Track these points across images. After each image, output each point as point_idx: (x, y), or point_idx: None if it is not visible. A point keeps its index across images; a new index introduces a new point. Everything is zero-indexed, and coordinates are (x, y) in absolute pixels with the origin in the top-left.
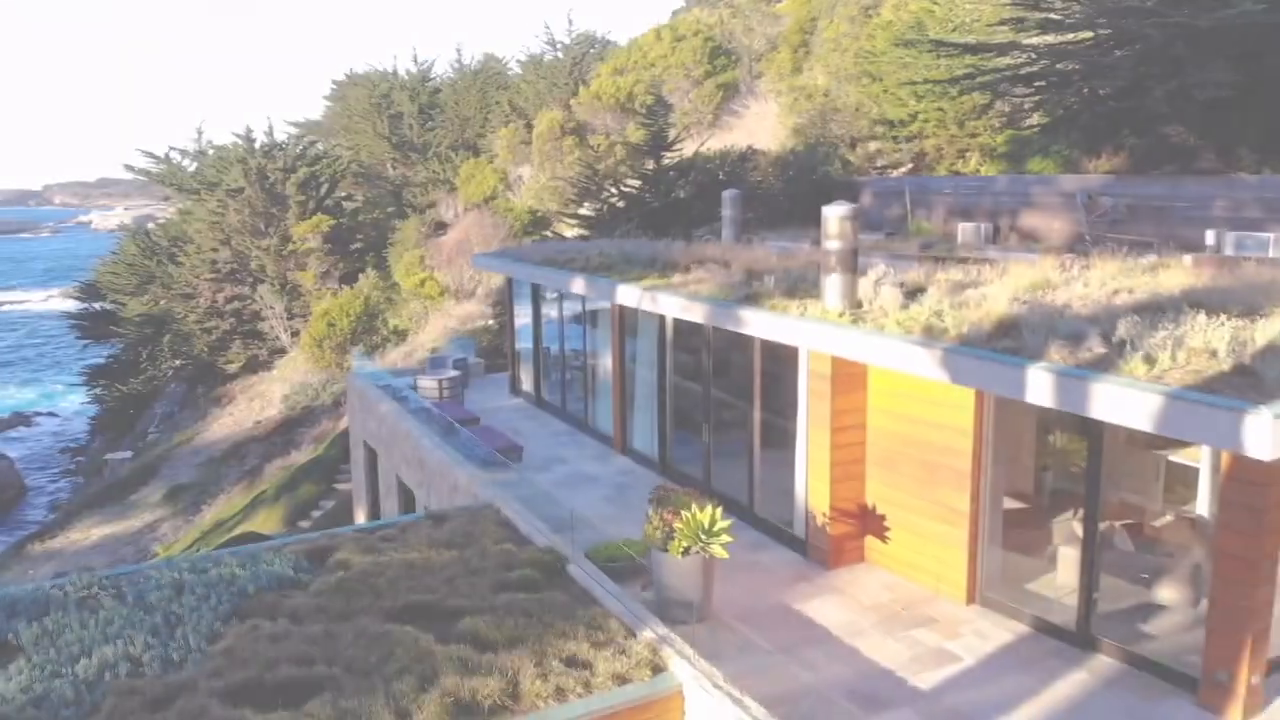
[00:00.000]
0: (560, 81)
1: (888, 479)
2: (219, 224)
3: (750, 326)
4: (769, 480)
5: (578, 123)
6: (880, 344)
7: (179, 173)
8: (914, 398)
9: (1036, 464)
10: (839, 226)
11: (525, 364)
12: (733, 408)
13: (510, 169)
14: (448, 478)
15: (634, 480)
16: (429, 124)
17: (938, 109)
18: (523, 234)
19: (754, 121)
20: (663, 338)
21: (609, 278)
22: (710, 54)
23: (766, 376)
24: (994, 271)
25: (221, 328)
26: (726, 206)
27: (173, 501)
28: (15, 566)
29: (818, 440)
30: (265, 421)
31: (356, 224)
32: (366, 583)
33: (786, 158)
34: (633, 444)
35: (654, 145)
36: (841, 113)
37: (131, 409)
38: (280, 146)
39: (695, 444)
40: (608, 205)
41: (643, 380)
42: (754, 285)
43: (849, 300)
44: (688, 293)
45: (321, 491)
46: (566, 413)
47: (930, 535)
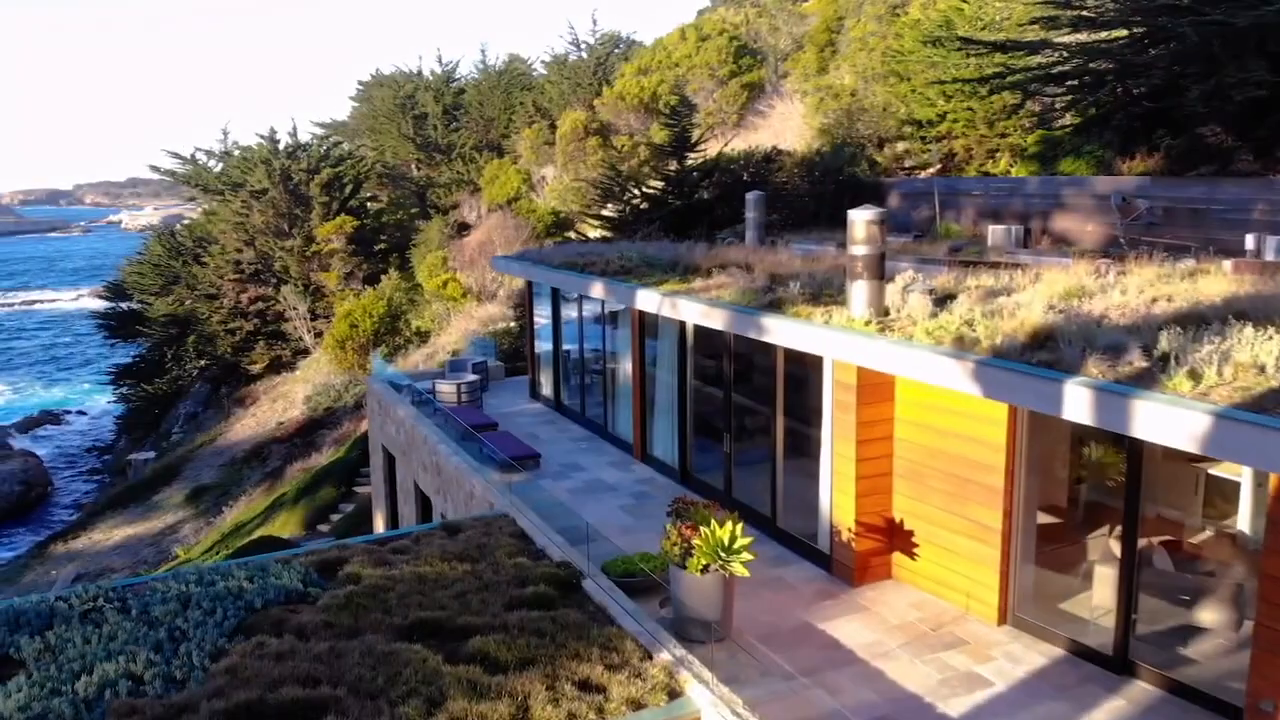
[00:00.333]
0: (584, 82)
1: (916, 493)
2: (243, 225)
3: (773, 335)
4: (792, 492)
5: (601, 123)
6: (908, 355)
7: (204, 174)
8: (943, 410)
9: (1070, 476)
10: (866, 231)
11: (545, 368)
12: (755, 416)
13: (534, 170)
14: (464, 485)
15: (653, 489)
16: (453, 125)
17: (967, 109)
18: (545, 235)
19: (779, 121)
20: (683, 344)
21: (629, 282)
22: (735, 53)
23: (790, 385)
24: (1026, 277)
25: (245, 328)
26: (750, 208)
27: (194, 503)
28: (37, 567)
29: (843, 452)
30: (288, 423)
31: (380, 225)
32: (376, 598)
33: (812, 158)
34: (652, 451)
35: (677, 146)
36: (868, 113)
37: (156, 409)
38: (304, 147)
39: (716, 452)
40: (630, 206)
41: (663, 387)
42: (777, 291)
43: (876, 308)
44: (709, 298)
45: (341, 495)
46: (586, 418)
47: (960, 552)
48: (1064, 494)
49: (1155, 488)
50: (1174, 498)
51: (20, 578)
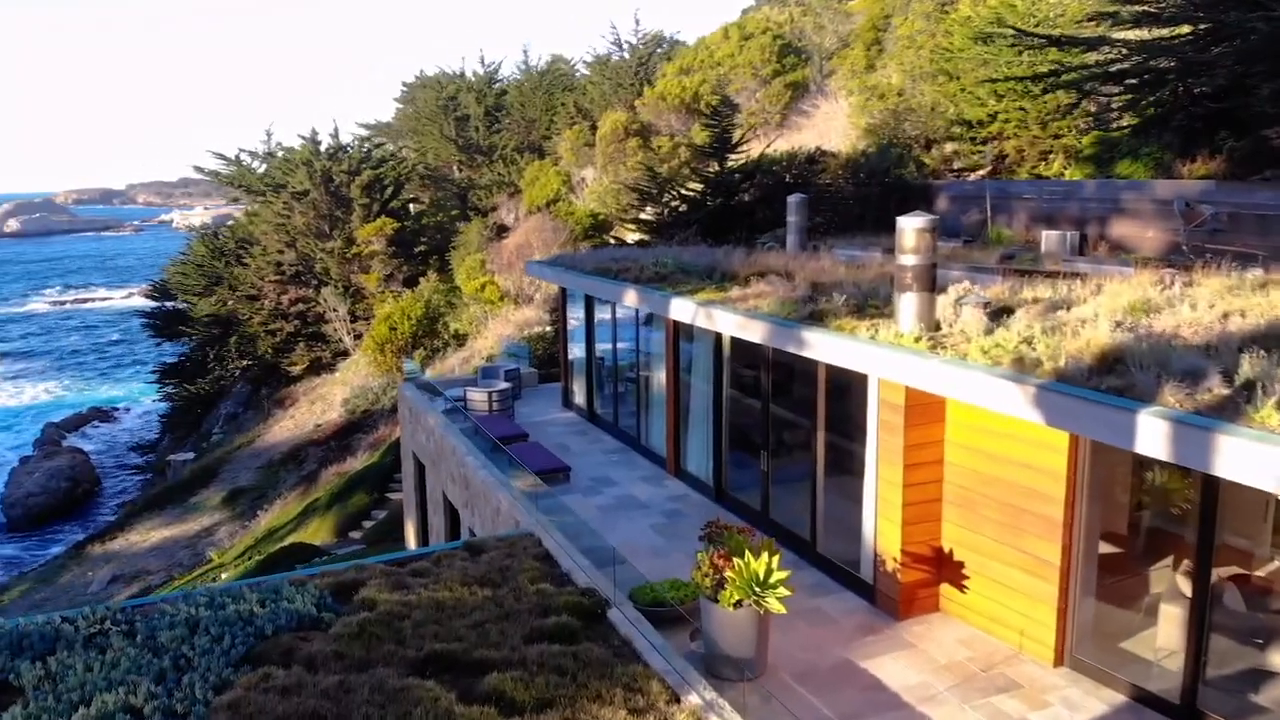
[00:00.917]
0: (626, 82)
1: (967, 522)
2: (285, 226)
3: (814, 349)
4: (833, 516)
5: (642, 124)
6: (962, 376)
7: (247, 175)
8: (998, 434)
9: (1131, 501)
10: (916, 239)
11: (578, 376)
12: (794, 433)
13: (574, 171)
14: (491, 500)
15: (686, 507)
16: (495, 126)
17: (1019, 108)
18: (583, 238)
19: (823, 122)
20: (719, 355)
21: (663, 290)
22: (779, 52)
23: (832, 402)
24: (1086, 288)
25: (285, 329)
26: (791, 212)
27: (231, 505)
28: (74, 568)
29: (888, 477)
30: (325, 425)
31: (420, 227)
32: (391, 626)
33: (857, 159)
34: (686, 466)
35: (718, 147)
36: (916, 112)
37: (198, 408)
38: (345, 149)
39: (753, 469)
40: (668, 209)
41: (697, 400)
42: (819, 301)
43: (926, 322)
44: (746, 309)
45: (373, 501)
46: (619, 429)
47: (1014, 586)
48: (1124, 521)
49: (1222, 514)
50: (1241, 525)
51: (57, 578)
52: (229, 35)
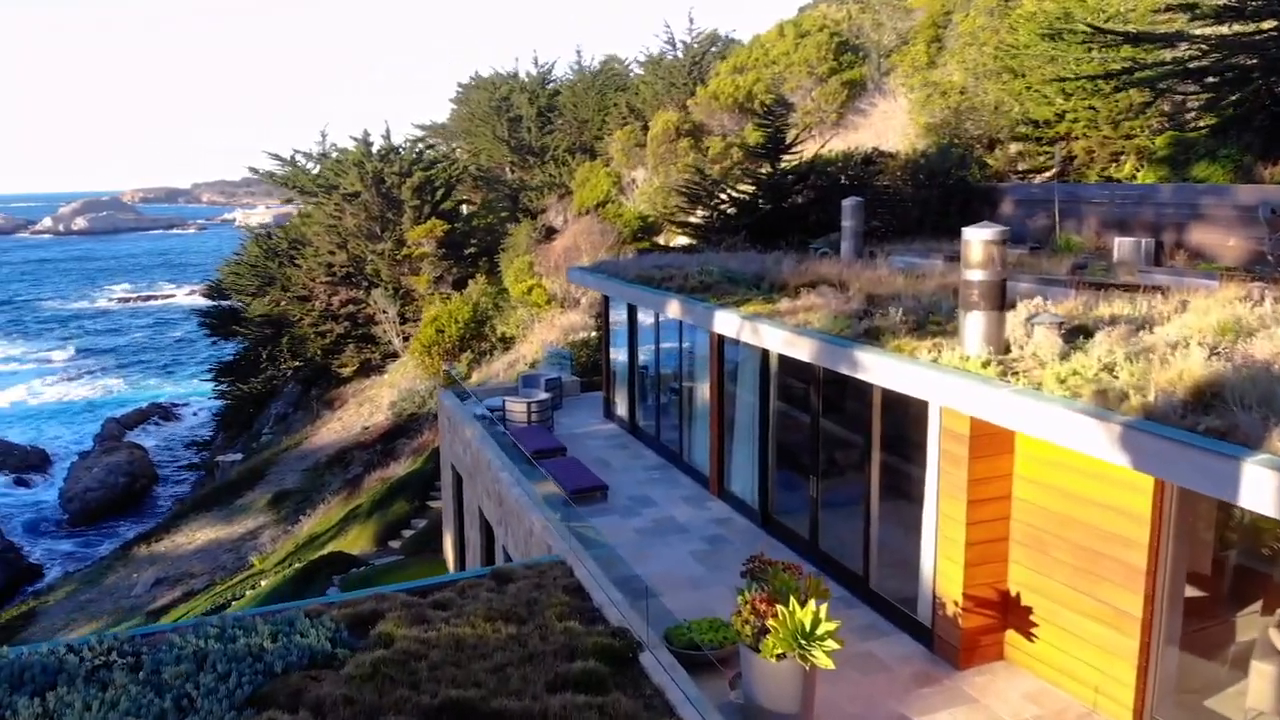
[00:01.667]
0: (679, 81)
1: (1037, 564)
2: (336, 227)
3: (869, 372)
4: (889, 549)
5: (694, 124)
6: (1036, 409)
7: (301, 176)
8: (1074, 469)
9: (1216, 538)
10: (984, 252)
11: (620, 387)
12: (846, 457)
13: (624, 172)
14: (524, 521)
15: (729, 532)
16: (547, 127)
17: (1088, 107)
18: (631, 240)
19: (881, 121)
20: (765, 371)
21: (706, 301)
22: (836, 50)
23: (887, 426)
24: (1169, 304)
25: (336, 331)
26: (846, 216)
27: (276, 508)
28: (120, 569)
29: (950, 512)
30: (373, 427)
31: (471, 229)
32: (406, 667)
33: (916, 160)
34: (730, 487)
35: (771, 147)
36: (979, 111)
37: (251, 407)
38: (397, 150)
39: (801, 492)
40: (718, 212)
41: (742, 417)
42: (875, 317)
43: (995, 344)
44: (794, 324)
45: (414, 510)
46: (660, 444)
47: (1089, 638)
48: (1208, 560)
49: None
50: None
51: (103, 579)
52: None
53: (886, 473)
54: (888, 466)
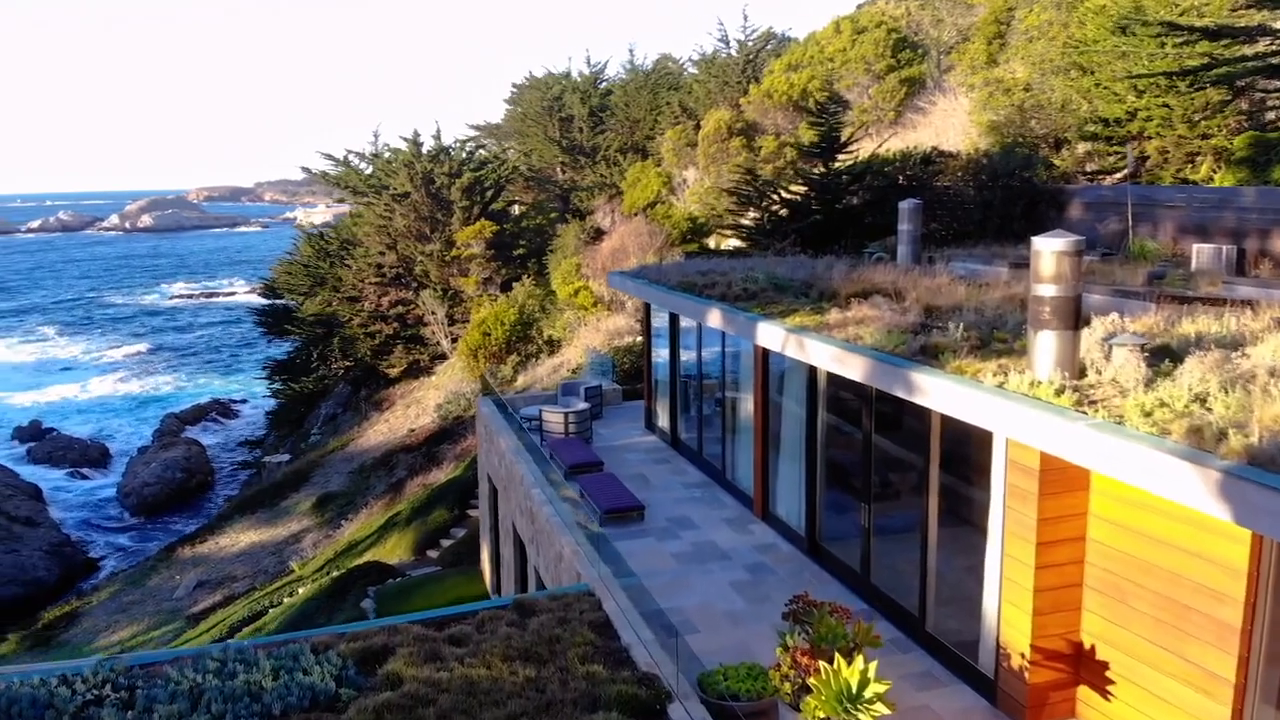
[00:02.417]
0: (732, 80)
1: (1114, 615)
2: (386, 228)
3: (926, 396)
4: (948, 589)
5: (746, 123)
6: (1119, 448)
7: (354, 175)
8: (1158, 510)
9: None
10: (1057, 265)
11: (661, 398)
12: (901, 483)
13: (675, 172)
14: (554, 543)
15: (774, 560)
16: (599, 127)
17: (1162, 105)
18: (680, 242)
19: (940, 119)
20: (813, 387)
21: (750, 312)
22: (894, 46)
23: (948, 453)
24: (1260, 320)
25: (385, 332)
26: (904, 219)
27: (319, 511)
28: (164, 570)
29: (1017, 554)
30: (419, 430)
31: (520, 229)
32: (412, 714)
33: (978, 160)
34: (775, 509)
35: (825, 146)
36: (1045, 109)
37: (302, 407)
38: (447, 151)
39: (852, 516)
40: (769, 214)
41: (789, 434)
42: (933, 333)
43: (1068, 368)
44: (844, 339)
45: (453, 519)
46: (703, 459)
47: (1173, 700)
48: None
49: None
50: None
51: (147, 580)
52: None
53: (946, 502)
54: (948, 495)
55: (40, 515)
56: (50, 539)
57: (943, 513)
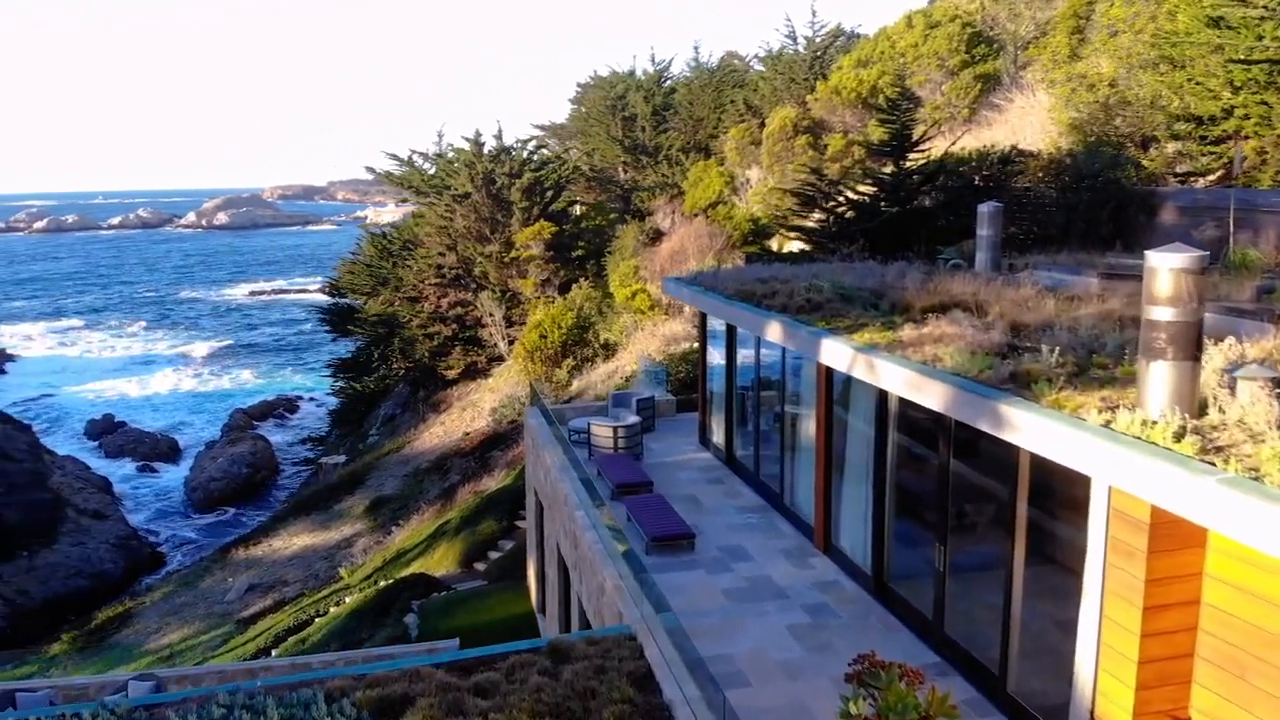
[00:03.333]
0: (799, 77)
1: (1232, 693)
2: (446, 228)
3: (1019, 433)
4: (1033, 641)
5: (813, 120)
6: (1259, 512)
7: (417, 176)
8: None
9: None
10: (1175, 285)
11: (716, 412)
12: (983, 521)
13: (738, 172)
14: (596, 573)
15: (836, 602)
16: (662, 126)
17: (1261, 102)
18: (741, 244)
19: (1017, 117)
20: (883, 412)
21: (814, 326)
22: (968, 41)
23: (1039, 487)
24: None
25: (443, 333)
26: (983, 224)
27: (372, 515)
28: (217, 572)
29: (1120, 618)
30: (474, 434)
31: (579, 230)
32: None
33: (1061, 160)
34: (838, 541)
35: (896, 144)
36: (1132, 106)
37: (363, 406)
38: (508, 150)
39: (924, 552)
40: (835, 216)
41: (854, 458)
42: (1022, 356)
43: (1186, 405)
44: (920, 362)
45: (501, 530)
46: (759, 481)
47: None
48: None
49: None
50: None
51: (200, 581)
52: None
53: (1035, 541)
54: (1037, 533)
55: (109, 508)
56: (117, 532)
57: (1030, 553)
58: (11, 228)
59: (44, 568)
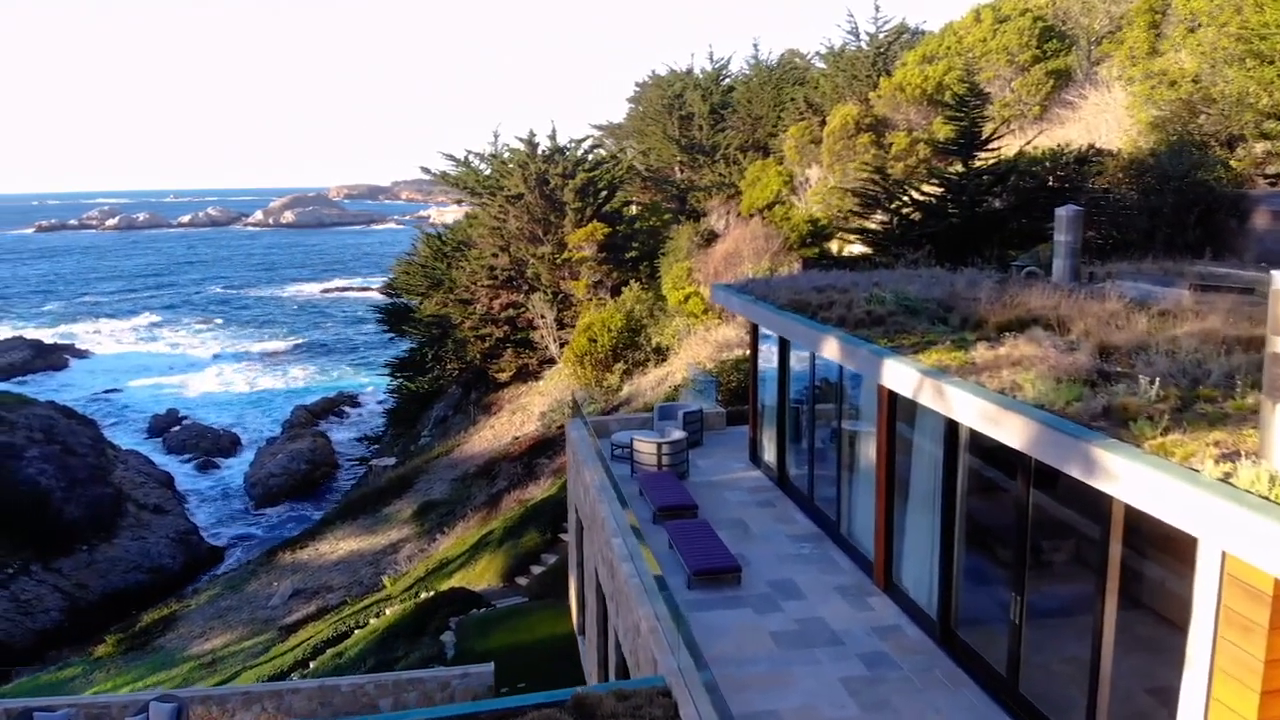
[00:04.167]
0: (861, 74)
1: None
2: (499, 229)
3: (1116, 483)
4: (1125, 711)
5: (875, 118)
6: None
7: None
8: None
9: None
10: None
11: (768, 427)
12: (1067, 560)
13: (797, 171)
14: (633, 610)
15: (896, 649)
16: (719, 125)
17: None
18: (798, 246)
19: (1092, 115)
20: (952, 443)
21: (875, 343)
22: (1039, 36)
23: (1135, 537)
24: None
25: (495, 335)
26: (1061, 229)
27: (419, 520)
28: (263, 575)
29: (1231, 700)
30: (522, 438)
31: (633, 231)
32: None
33: (1143, 160)
34: (900, 580)
35: (964, 143)
36: (1218, 103)
37: (417, 406)
38: (562, 150)
39: (997, 595)
40: (898, 218)
41: (919, 488)
42: (1115, 387)
43: None
44: (997, 392)
45: (544, 543)
46: (814, 506)
47: None
48: None
49: None
50: None
51: (246, 585)
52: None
53: (1129, 594)
54: (1132, 585)
55: (169, 503)
56: (177, 527)
57: (1124, 601)
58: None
59: (103, 562)
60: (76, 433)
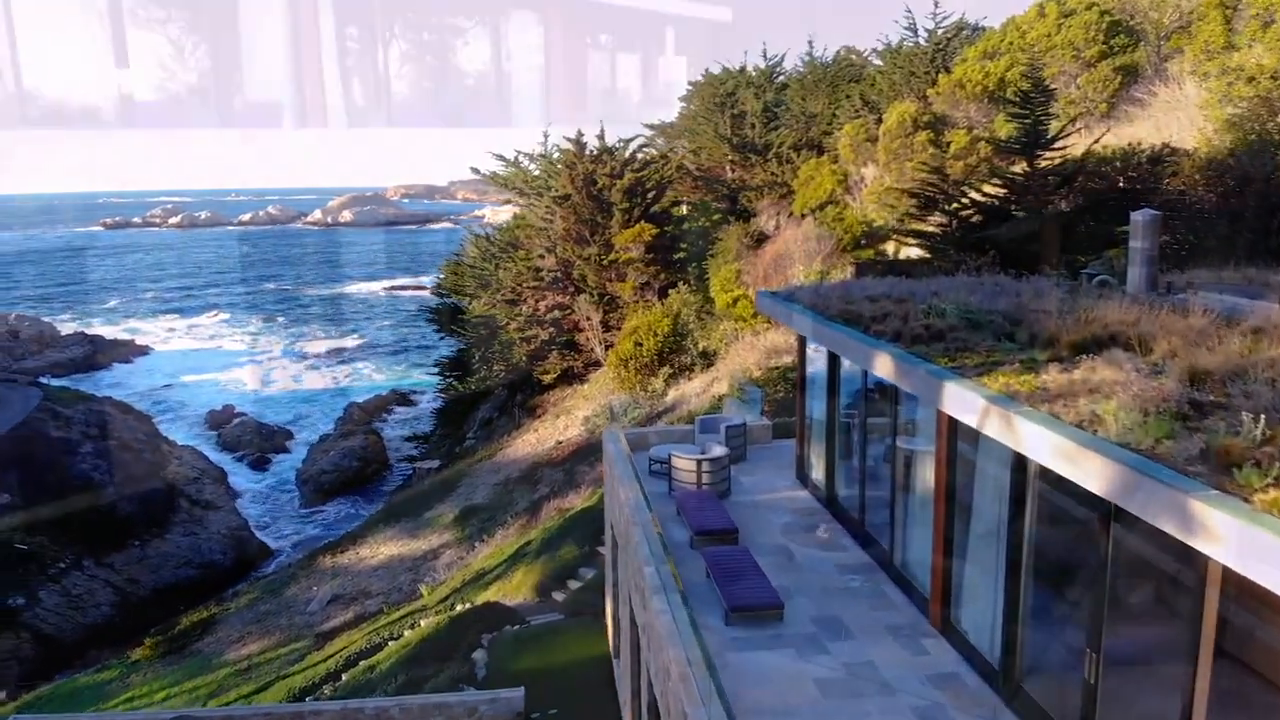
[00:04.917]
0: (919, 70)
1: None
2: (547, 230)
3: (1215, 544)
4: None
5: (934, 115)
6: None
7: (521, 176)
8: None
9: None
10: None
11: (815, 444)
12: (1149, 609)
13: (852, 170)
14: (663, 651)
15: (954, 700)
16: (772, 123)
17: None
18: (852, 248)
19: (1162, 112)
20: (1021, 469)
21: (934, 363)
22: (1106, 30)
23: (1234, 586)
24: None
25: (541, 336)
26: (1137, 235)
27: (460, 525)
28: (303, 579)
29: None
30: (566, 442)
31: (681, 232)
32: None
33: (1223, 161)
34: (958, 621)
35: (1027, 141)
36: None
37: (464, 407)
38: (610, 150)
39: (1068, 639)
40: (958, 219)
41: (982, 514)
42: (1207, 420)
43: None
44: (1073, 428)
45: (582, 556)
46: (864, 532)
47: None
48: None
49: None
50: None
51: (285, 589)
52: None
53: (1225, 649)
54: (1229, 638)
55: (221, 499)
56: (229, 523)
57: (1220, 657)
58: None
59: (155, 557)
60: (132, 428)
